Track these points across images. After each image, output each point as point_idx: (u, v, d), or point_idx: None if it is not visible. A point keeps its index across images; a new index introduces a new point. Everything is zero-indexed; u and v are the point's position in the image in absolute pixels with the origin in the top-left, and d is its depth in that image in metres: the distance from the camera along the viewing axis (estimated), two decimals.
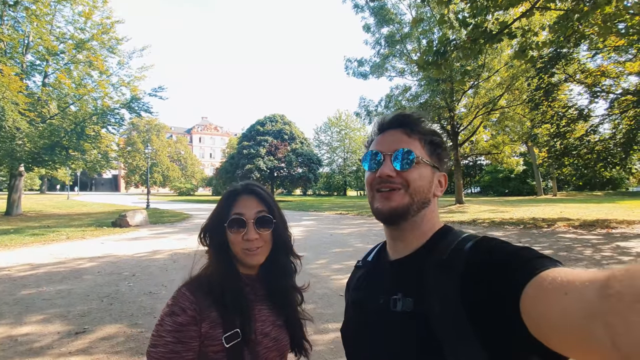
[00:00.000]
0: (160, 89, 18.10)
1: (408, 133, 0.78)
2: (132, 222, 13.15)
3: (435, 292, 0.64)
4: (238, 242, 0.97)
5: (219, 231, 1.00)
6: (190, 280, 0.98)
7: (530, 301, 0.47)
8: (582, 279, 0.42)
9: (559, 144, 12.96)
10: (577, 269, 0.47)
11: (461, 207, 19.42)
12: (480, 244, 0.66)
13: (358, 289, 0.85)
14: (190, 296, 0.91)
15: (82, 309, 4.32)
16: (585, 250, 7.36)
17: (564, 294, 0.42)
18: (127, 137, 58.56)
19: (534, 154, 30.09)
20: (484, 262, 0.61)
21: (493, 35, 6.52)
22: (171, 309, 0.89)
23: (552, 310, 0.43)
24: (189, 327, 0.87)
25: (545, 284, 0.46)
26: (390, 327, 0.69)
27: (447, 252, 0.68)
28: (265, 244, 1.00)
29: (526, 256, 0.56)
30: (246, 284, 1.01)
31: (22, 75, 15.57)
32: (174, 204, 30.27)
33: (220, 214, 1.01)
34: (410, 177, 0.74)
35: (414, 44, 20.65)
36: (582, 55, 12.11)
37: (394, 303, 0.69)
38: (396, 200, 0.74)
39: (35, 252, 8.19)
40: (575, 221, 11.66)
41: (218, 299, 0.92)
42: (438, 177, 0.80)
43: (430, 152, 0.78)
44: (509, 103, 20.98)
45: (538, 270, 0.50)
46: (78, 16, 16.92)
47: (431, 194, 0.77)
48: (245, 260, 0.99)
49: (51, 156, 16.09)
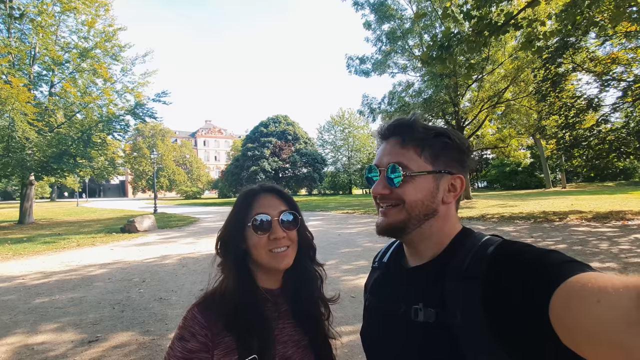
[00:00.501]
0: (164, 93, 18.23)
1: (402, 143, 0.74)
2: (141, 228, 13.24)
3: (456, 303, 0.62)
4: (263, 244, 0.89)
5: (238, 238, 0.91)
6: (203, 298, 0.90)
7: (560, 308, 0.46)
8: (615, 286, 0.40)
9: (568, 136, 12.73)
10: (608, 274, 0.45)
11: (469, 203, 19.22)
12: (501, 249, 0.64)
13: (375, 293, 0.84)
14: (202, 319, 0.84)
15: (95, 317, 4.33)
16: (601, 244, 7.19)
17: (596, 302, 0.41)
18: (132, 143, 59.08)
19: (542, 146, 29.73)
20: (508, 267, 0.58)
21: (498, 26, 6.40)
22: (181, 333, 0.83)
23: (584, 318, 0.41)
24: (199, 355, 0.80)
25: (575, 291, 0.45)
26: (412, 337, 0.68)
27: (467, 259, 0.66)
28: (292, 243, 0.93)
29: (553, 261, 0.53)
30: (267, 300, 0.92)
31: (29, 86, 15.82)
32: (181, 208, 30.46)
33: (239, 217, 0.92)
34: (404, 192, 0.71)
35: (415, 40, 20.50)
36: (590, 43, 11.87)
37: (415, 313, 0.68)
38: (392, 217, 0.73)
39: (48, 260, 8.28)
40: (587, 213, 11.44)
41: (232, 321, 0.84)
42: (447, 181, 0.74)
43: (433, 157, 0.73)
44: (514, 95, 20.72)
45: (567, 276, 0.48)
46: (81, 25, 17.16)
47: (436, 203, 0.73)
48: (272, 264, 0.89)
49: (60, 164, 16.29)
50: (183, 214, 22.14)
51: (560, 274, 0.49)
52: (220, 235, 0.96)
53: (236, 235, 0.92)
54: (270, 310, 0.91)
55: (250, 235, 0.90)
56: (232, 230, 0.93)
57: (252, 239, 0.90)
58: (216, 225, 1.03)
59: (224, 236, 0.95)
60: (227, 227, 0.95)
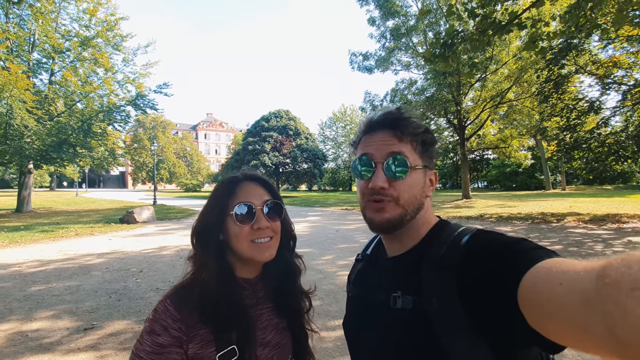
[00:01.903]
0: (165, 85, 18.16)
1: (399, 136, 0.73)
2: (140, 219, 13.26)
3: (433, 289, 0.64)
4: (245, 234, 0.84)
5: (217, 227, 0.86)
6: (175, 290, 0.84)
7: (527, 292, 0.48)
8: (577, 269, 0.42)
9: (569, 137, 12.72)
10: (572, 260, 0.46)
11: (468, 202, 19.24)
12: (476, 238, 0.66)
13: (358, 283, 0.86)
14: (174, 312, 0.78)
15: (91, 305, 4.36)
16: (596, 246, 7.23)
17: (559, 284, 0.43)
18: (133, 134, 58.90)
19: (543, 147, 29.70)
20: (480, 256, 0.61)
21: (502, 26, 6.36)
22: (152, 326, 0.77)
23: (548, 299, 0.44)
24: (171, 349, 0.75)
25: (540, 275, 0.47)
26: (391, 324, 0.70)
27: (444, 248, 0.68)
28: (275, 234, 0.89)
29: (522, 248, 0.56)
30: (244, 288, 0.89)
31: (29, 73, 15.73)
32: (181, 200, 30.50)
33: (219, 205, 0.87)
34: (403, 188, 0.72)
35: (420, 37, 20.38)
36: (593, 45, 11.82)
37: (394, 300, 0.70)
38: (389, 212, 0.72)
39: (45, 248, 8.30)
40: (585, 216, 11.47)
41: (209, 313, 0.79)
42: (429, 176, 0.78)
43: (422, 152, 0.76)
44: (517, 96, 20.66)
45: (534, 262, 0.50)
46: (83, 13, 17.03)
47: (424, 197, 0.76)
48: (253, 255, 0.85)
49: (59, 153, 16.25)
50: (182, 206, 22.17)
51: (528, 260, 0.51)
52: (197, 226, 0.90)
53: (215, 224, 0.87)
54: (248, 297, 0.89)
55: (231, 225, 0.85)
56: (211, 220, 0.88)
57: (233, 229, 0.85)
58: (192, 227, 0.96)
59: (202, 227, 0.89)
60: (206, 217, 0.89)
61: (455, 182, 51.53)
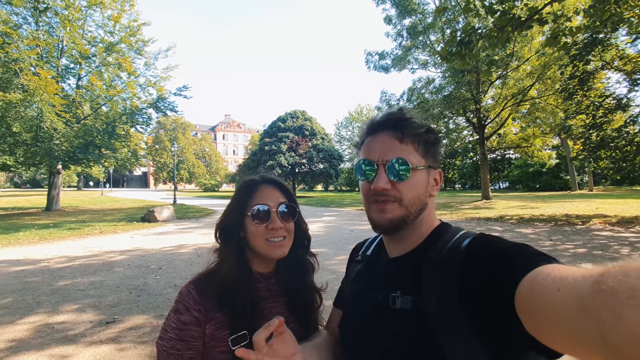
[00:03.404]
0: (185, 88, 18.61)
1: (400, 137, 0.74)
2: (160, 218, 13.66)
3: (432, 290, 0.65)
4: (260, 233, 0.93)
5: (237, 226, 0.96)
6: (199, 277, 0.96)
7: (524, 297, 0.48)
8: (574, 276, 0.42)
9: (595, 136, 12.20)
10: (572, 266, 0.47)
11: (488, 203, 18.74)
12: (477, 242, 0.66)
13: (357, 283, 0.86)
14: (196, 295, 0.90)
15: (113, 300, 4.54)
16: (622, 249, 6.90)
17: (556, 290, 0.43)
18: (154, 136, 60.78)
19: (568, 146, 28.55)
20: (481, 259, 0.61)
21: (522, 22, 6.19)
22: (177, 306, 0.90)
23: (544, 305, 0.44)
24: (191, 327, 0.87)
25: (538, 280, 0.47)
26: (389, 323, 0.70)
27: (445, 250, 0.68)
28: (289, 234, 0.97)
29: (522, 253, 0.57)
30: (259, 281, 0.98)
31: (57, 79, 16.50)
32: (199, 200, 31.17)
33: (239, 206, 0.97)
34: (405, 189, 0.72)
35: (437, 35, 20.02)
36: (620, 40, 11.29)
37: (393, 300, 0.70)
38: (392, 212, 0.72)
39: (72, 245, 8.69)
40: (612, 218, 10.96)
41: (226, 301, 0.89)
42: (433, 175, 0.77)
43: (424, 153, 0.75)
44: (540, 93, 19.96)
45: (533, 266, 0.50)
46: (107, 20, 17.68)
47: (427, 197, 0.76)
48: (268, 253, 0.94)
49: (85, 155, 16.96)
50: (201, 206, 22.66)
51: (527, 264, 0.51)
52: (220, 223, 1.00)
53: (235, 223, 0.96)
54: (262, 290, 0.97)
55: (249, 224, 0.95)
56: (232, 219, 0.97)
57: (250, 227, 0.95)
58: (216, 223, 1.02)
59: (224, 224, 0.99)
60: (227, 216, 0.99)
61: (475, 183, 50.26)
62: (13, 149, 15.71)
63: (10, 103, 13.41)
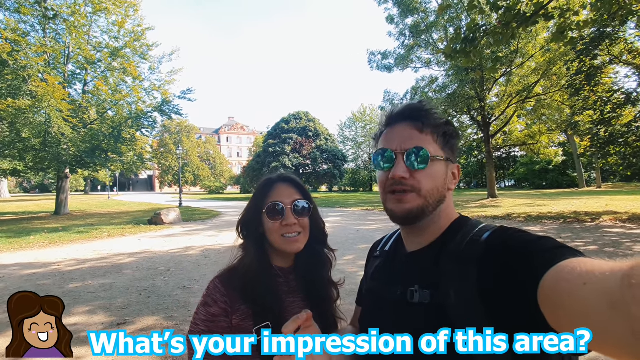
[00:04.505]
0: (189, 91, 18.73)
1: (420, 127, 0.74)
2: (167, 220, 13.75)
3: (451, 283, 0.64)
4: (276, 229, 0.97)
5: (256, 222, 1.01)
6: (224, 272, 1.01)
7: (548, 290, 0.47)
8: (602, 269, 0.41)
9: (604, 132, 12.05)
10: (598, 259, 0.45)
11: (494, 201, 18.60)
12: (497, 234, 0.65)
13: (375, 279, 0.85)
14: (222, 288, 0.95)
15: (123, 302, 4.57)
16: (635, 246, 6.80)
17: (582, 284, 0.42)
18: (159, 139, 61.28)
19: (575, 143, 28.26)
20: (502, 252, 0.60)
21: (527, 17, 6.13)
22: (205, 300, 0.95)
23: (571, 299, 0.43)
24: (220, 318, 0.92)
25: (564, 274, 0.46)
26: (408, 318, 0.69)
27: (464, 243, 0.67)
28: (304, 230, 1.00)
29: (546, 245, 0.55)
30: (278, 276, 1.02)
31: (64, 84, 16.67)
32: (205, 202, 31.32)
33: (257, 203, 1.02)
34: (424, 178, 0.71)
35: (440, 33, 19.95)
36: (629, 34, 11.14)
37: (412, 295, 0.69)
38: (410, 202, 0.71)
39: (81, 248, 8.77)
40: (623, 215, 10.80)
41: (248, 293, 0.94)
42: (452, 169, 0.77)
43: (443, 145, 0.75)
44: (545, 90, 19.75)
45: (557, 260, 0.49)
46: (112, 25, 17.86)
47: (446, 189, 0.75)
48: (284, 248, 0.98)
49: (92, 159, 17.12)
50: (206, 208, 22.77)
51: (551, 257, 0.50)
52: (241, 219, 1.06)
53: (254, 219, 1.02)
54: (281, 284, 1.01)
55: (266, 221, 1.00)
56: (251, 215, 1.03)
57: (267, 224, 0.99)
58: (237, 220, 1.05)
59: (244, 220, 1.05)
60: (247, 212, 1.05)
61: (481, 181, 49.92)
62: (22, 154, 15.91)
63: (19, 109, 13.60)
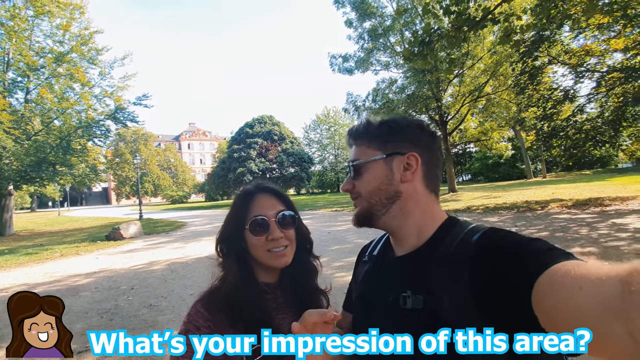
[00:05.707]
0: (145, 97, 17.86)
1: (351, 144, 0.84)
2: (126, 234, 12.96)
3: (443, 287, 0.63)
4: (261, 245, 0.91)
5: (237, 238, 0.94)
6: (205, 295, 0.93)
7: (543, 294, 0.47)
8: (597, 274, 0.41)
9: (547, 126, 13.12)
10: (591, 262, 0.46)
11: (455, 196, 19.59)
12: (488, 235, 0.65)
13: (365, 284, 0.85)
14: (205, 313, 0.87)
15: (82, 327, 4.23)
16: (581, 230, 7.46)
17: (578, 288, 0.42)
18: (114, 149, 57.59)
19: (522, 138, 30.49)
20: (493, 255, 0.60)
21: (477, 21, 6.56)
22: (186, 327, 0.86)
23: (566, 304, 0.42)
24: None
25: (558, 277, 0.46)
26: (401, 324, 0.67)
27: (454, 245, 0.67)
28: (290, 243, 0.95)
29: (539, 247, 0.55)
30: (266, 292, 0.95)
31: (4, 93, 15.23)
32: (168, 213, 29.91)
33: (237, 218, 0.94)
34: (361, 183, 0.78)
35: (397, 37, 20.72)
36: (564, 36, 12.25)
37: (404, 300, 0.68)
38: (358, 206, 0.80)
39: (31, 271, 8.02)
40: (568, 201, 11.83)
41: (235, 314, 0.87)
42: (401, 162, 0.76)
43: (380, 144, 0.78)
44: (494, 89, 21.20)
45: (551, 263, 0.49)
46: (56, 29, 16.58)
47: (395, 185, 0.75)
48: (271, 263, 0.92)
49: (38, 173, 15.74)
50: (170, 219, 21.77)
51: (543, 261, 0.50)
52: (220, 237, 0.97)
53: (235, 235, 0.94)
54: (269, 301, 0.95)
55: (248, 236, 0.93)
56: (231, 232, 0.95)
57: (250, 239, 0.92)
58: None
59: (223, 238, 0.97)
60: (226, 228, 0.97)
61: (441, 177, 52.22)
62: None
63: None
